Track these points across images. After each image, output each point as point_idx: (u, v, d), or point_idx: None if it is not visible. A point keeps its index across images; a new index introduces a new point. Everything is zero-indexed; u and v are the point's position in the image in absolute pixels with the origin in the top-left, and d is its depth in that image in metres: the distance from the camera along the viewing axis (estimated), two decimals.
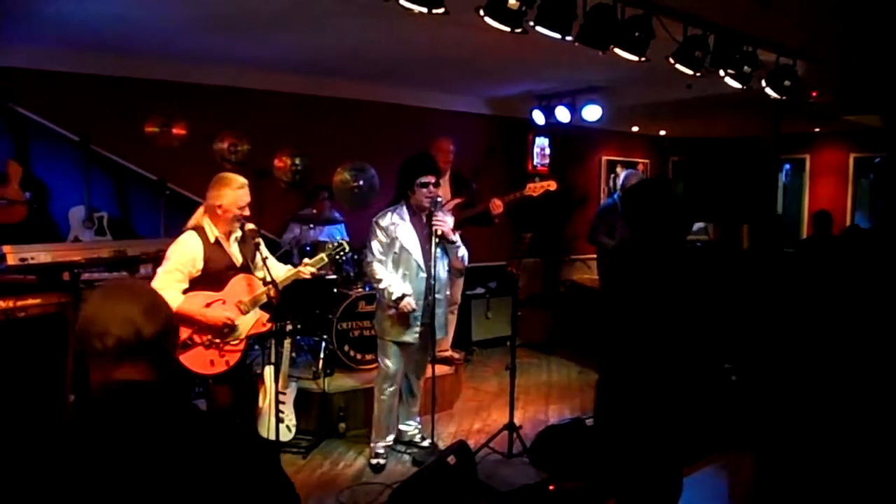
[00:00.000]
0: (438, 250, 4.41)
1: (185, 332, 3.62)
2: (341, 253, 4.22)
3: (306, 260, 4.12)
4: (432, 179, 4.36)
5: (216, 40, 5.55)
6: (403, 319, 4.41)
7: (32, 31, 5.22)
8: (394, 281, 4.37)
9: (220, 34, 5.37)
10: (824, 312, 2.99)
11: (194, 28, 5.20)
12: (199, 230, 3.71)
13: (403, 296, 4.31)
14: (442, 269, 4.51)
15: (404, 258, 4.40)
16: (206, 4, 4.63)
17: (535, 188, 5.39)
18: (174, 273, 3.60)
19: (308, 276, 4.06)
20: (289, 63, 6.44)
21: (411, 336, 4.45)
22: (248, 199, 3.75)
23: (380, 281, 4.36)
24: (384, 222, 4.42)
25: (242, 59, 6.20)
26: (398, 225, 4.39)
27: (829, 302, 2.97)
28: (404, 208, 4.46)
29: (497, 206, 5.41)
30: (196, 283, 3.68)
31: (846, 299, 2.88)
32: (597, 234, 6.65)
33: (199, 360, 3.66)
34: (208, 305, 3.66)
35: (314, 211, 6.42)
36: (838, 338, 2.89)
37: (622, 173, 7.05)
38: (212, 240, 3.72)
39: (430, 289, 4.42)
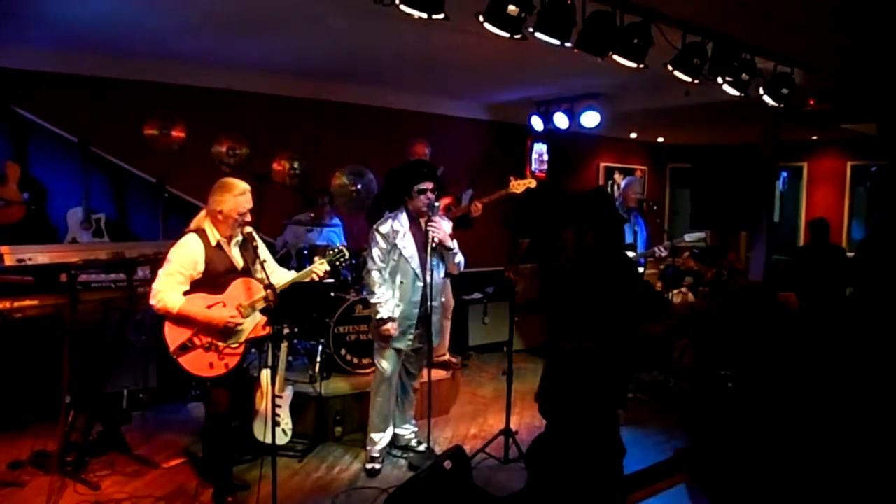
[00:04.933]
0: (435, 257, 4.42)
1: (185, 334, 3.62)
2: (341, 259, 4.25)
3: (318, 258, 4.12)
4: (430, 185, 4.37)
5: (216, 43, 5.57)
6: (397, 325, 4.45)
7: (33, 33, 5.23)
8: (385, 299, 4.40)
9: (220, 37, 5.38)
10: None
11: (194, 31, 5.21)
12: (201, 233, 3.71)
13: (389, 319, 4.37)
14: (438, 276, 4.52)
15: (402, 266, 4.42)
16: (206, 7, 4.64)
17: (517, 185, 5.44)
18: (176, 275, 3.60)
19: (322, 275, 4.07)
20: (288, 67, 6.45)
21: (404, 343, 4.50)
22: (249, 205, 3.75)
23: (373, 294, 4.41)
24: (384, 229, 4.43)
25: (242, 62, 6.21)
26: (398, 232, 4.42)
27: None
28: (404, 215, 4.47)
29: (477, 209, 5.50)
30: (196, 286, 3.67)
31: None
32: None
33: (199, 362, 3.65)
34: (209, 308, 3.66)
35: (311, 215, 6.42)
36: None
37: (622, 181, 7.06)
38: (213, 243, 3.72)
39: (426, 297, 4.44)
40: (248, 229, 3.78)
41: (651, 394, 6.27)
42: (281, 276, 3.96)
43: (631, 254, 6.46)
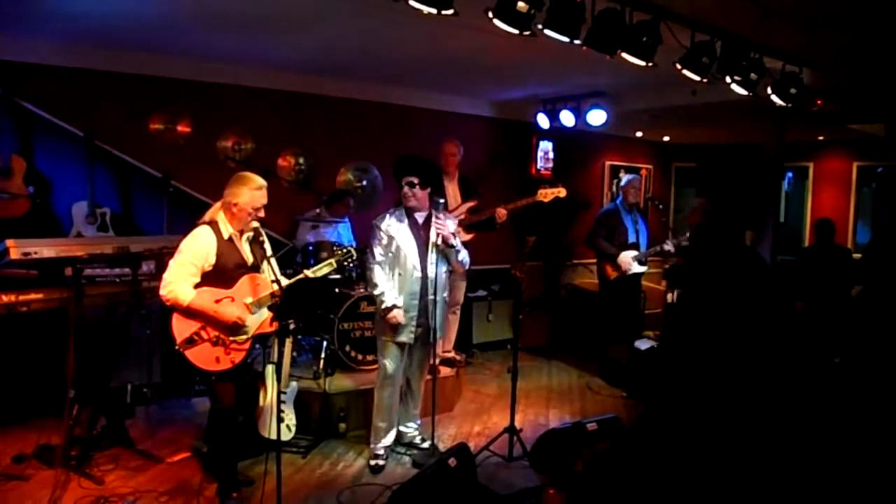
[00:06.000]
0: (437, 253, 4.42)
1: (192, 328, 3.62)
2: (349, 259, 4.29)
3: (307, 272, 4.14)
4: (413, 179, 4.42)
5: (223, 38, 5.55)
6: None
7: (39, 27, 5.22)
8: (388, 289, 4.42)
9: (226, 32, 5.36)
10: None
11: (201, 26, 5.19)
12: (214, 225, 3.72)
13: (394, 307, 4.38)
14: (441, 271, 4.52)
15: (401, 259, 4.43)
16: (212, 3, 4.62)
17: (546, 194, 5.42)
18: (188, 266, 3.61)
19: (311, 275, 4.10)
20: (294, 62, 6.43)
21: (406, 336, 4.48)
22: (264, 200, 3.76)
23: (376, 286, 4.43)
24: (383, 224, 4.47)
25: (248, 57, 6.19)
26: (395, 227, 4.44)
27: None
28: (402, 210, 4.50)
29: (502, 215, 5.49)
30: (206, 279, 3.68)
31: None
32: (596, 238, 6.67)
33: (205, 356, 3.65)
34: (218, 302, 3.66)
35: (317, 211, 6.42)
36: None
37: (624, 177, 7.05)
38: (225, 236, 3.73)
39: (426, 290, 4.44)
40: (255, 224, 3.78)
41: None
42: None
43: (633, 252, 6.46)
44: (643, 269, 6.63)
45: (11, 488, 4.04)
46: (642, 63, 4.24)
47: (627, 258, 6.43)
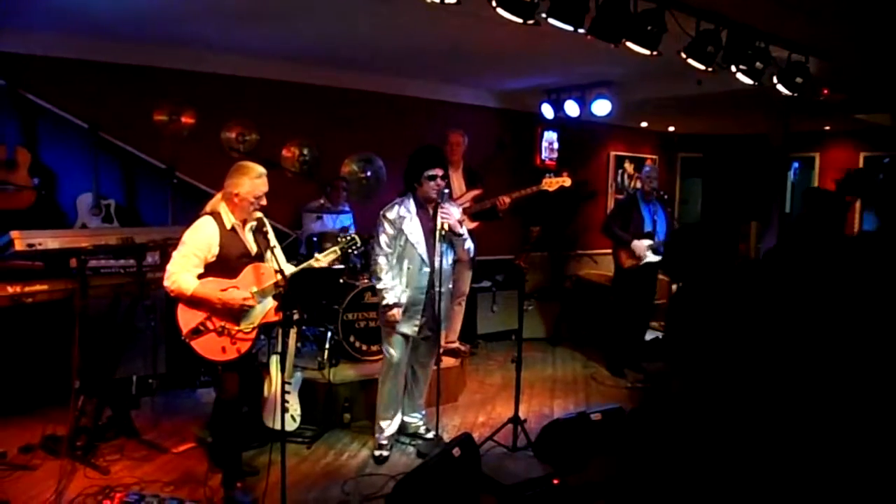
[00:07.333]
0: (443, 243, 4.41)
1: (198, 318, 3.62)
2: (353, 246, 4.26)
3: (317, 255, 4.13)
4: (440, 172, 4.36)
5: (227, 30, 5.55)
6: (404, 311, 4.44)
7: (43, 18, 5.22)
8: (392, 286, 4.39)
9: (230, 24, 5.36)
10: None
11: (205, 17, 5.18)
12: (216, 216, 3.71)
13: (394, 305, 4.36)
14: (446, 262, 4.50)
15: (409, 251, 4.40)
16: None
17: (551, 183, 5.40)
18: (191, 257, 3.60)
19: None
20: (298, 53, 6.42)
21: (410, 328, 4.47)
22: (265, 188, 3.75)
23: (380, 280, 4.41)
24: (391, 215, 4.42)
25: (253, 48, 6.19)
26: (405, 218, 4.40)
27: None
28: (411, 201, 4.45)
29: (504, 202, 5.47)
30: (210, 269, 3.68)
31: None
32: (611, 226, 6.67)
33: (212, 346, 3.66)
34: (224, 291, 3.66)
35: (321, 201, 6.42)
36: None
37: (644, 168, 7.04)
38: (228, 226, 3.72)
39: (433, 282, 4.43)
40: (259, 214, 3.78)
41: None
42: (285, 267, 3.96)
43: (647, 241, 6.43)
44: (658, 258, 6.60)
45: (18, 478, 4.06)
46: (647, 52, 4.22)
47: (641, 245, 6.40)
